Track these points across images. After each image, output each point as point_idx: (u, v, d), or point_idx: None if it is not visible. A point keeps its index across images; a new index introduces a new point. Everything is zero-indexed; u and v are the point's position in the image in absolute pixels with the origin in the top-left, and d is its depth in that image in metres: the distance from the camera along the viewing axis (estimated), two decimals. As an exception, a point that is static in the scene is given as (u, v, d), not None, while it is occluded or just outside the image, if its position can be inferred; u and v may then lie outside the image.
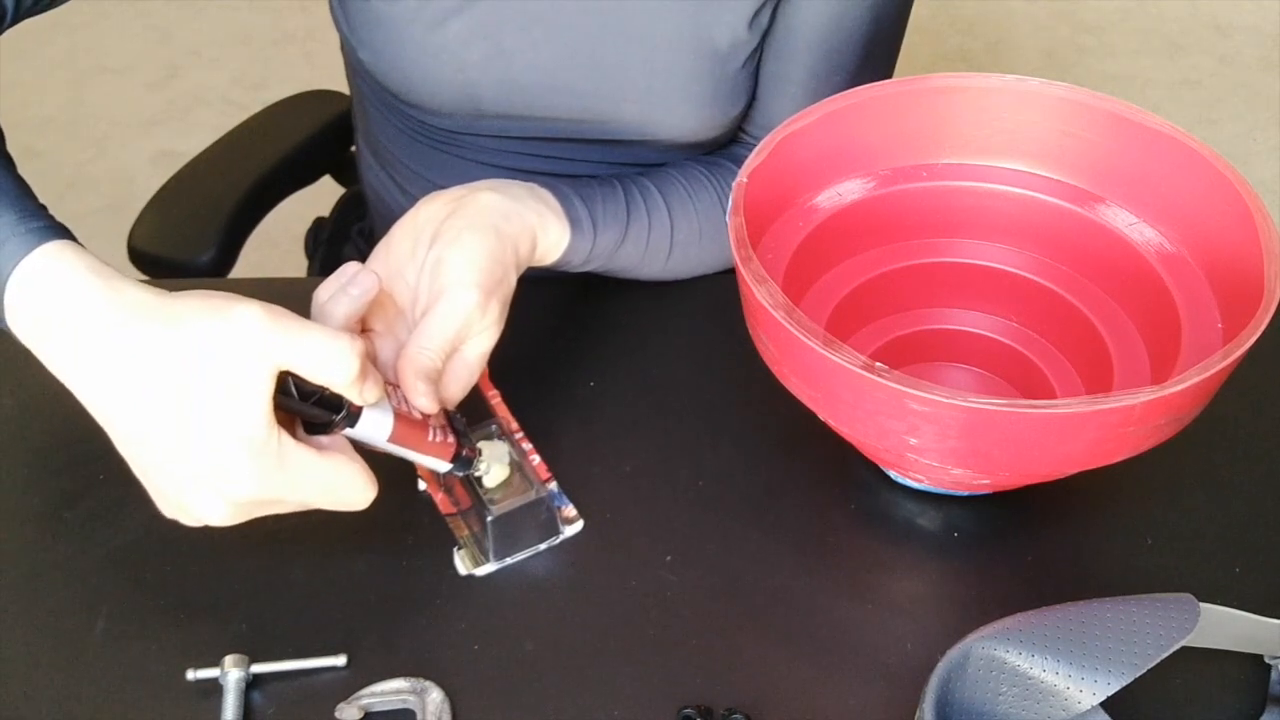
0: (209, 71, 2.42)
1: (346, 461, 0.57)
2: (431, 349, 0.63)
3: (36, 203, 0.56)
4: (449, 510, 0.70)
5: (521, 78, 0.81)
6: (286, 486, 0.54)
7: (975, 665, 0.56)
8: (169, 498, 0.55)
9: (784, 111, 0.82)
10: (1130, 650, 0.55)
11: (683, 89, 0.81)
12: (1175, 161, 0.69)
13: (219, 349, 0.52)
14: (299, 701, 0.62)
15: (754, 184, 0.66)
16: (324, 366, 0.54)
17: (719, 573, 0.68)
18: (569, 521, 0.70)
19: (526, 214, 0.71)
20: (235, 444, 0.52)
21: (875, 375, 0.56)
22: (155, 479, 0.55)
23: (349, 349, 0.54)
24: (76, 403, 0.54)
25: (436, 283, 0.65)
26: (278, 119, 1.15)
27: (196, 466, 0.53)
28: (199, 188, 1.05)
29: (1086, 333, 0.72)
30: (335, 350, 0.53)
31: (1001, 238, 0.76)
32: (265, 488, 0.54)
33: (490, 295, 0.65)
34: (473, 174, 0.88)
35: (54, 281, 0.53)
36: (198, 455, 0.52)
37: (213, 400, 0.52)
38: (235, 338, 0.52)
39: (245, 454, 0.52)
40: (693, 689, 0.63)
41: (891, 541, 0.70)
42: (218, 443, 0.52)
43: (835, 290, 0.74)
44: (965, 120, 0.74)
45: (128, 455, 0.55)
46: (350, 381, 0.55)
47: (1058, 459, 0.60)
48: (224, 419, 0.52)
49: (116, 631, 0.65)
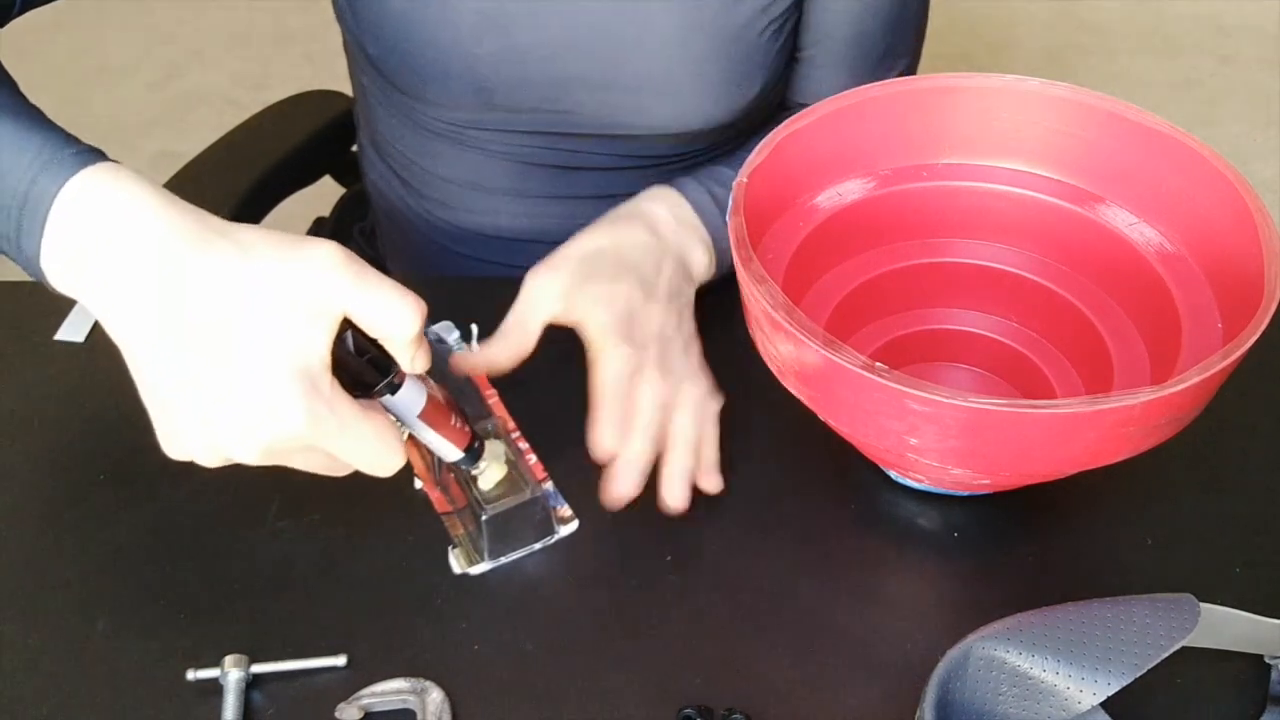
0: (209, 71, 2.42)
1: (387, 424, 0.55)
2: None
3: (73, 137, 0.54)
4: (445, 509, 0.70)
5: (533, 68, 0.81)
6: (330, 433, 0.52)
7: (975, 665, 0.56)
8: (193, 433, 0.52)
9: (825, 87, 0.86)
10: (1130, 650, 0.55)
11: (698, 73, 0.81)
12: (1175, 161, 0.69)
13: (291, 283, 0.50)
14: (299, 701, 0.62)
15: (754, 184, 0.66)
16: (390, 319, 0.52)
17: (719, 573, 0.68)
18: (564, 521, 0.70)
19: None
20: (292, 380, 0.50)
21: (875, 375, 0.56)
22: (184, 412, 0.51)
23: (416, 306, 0.53)
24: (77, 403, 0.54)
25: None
26: (278, 119, 1.15)
27: (244, 399, 0.50)
28: (199, 188, 1.05)
29: (1086, 333, 0.72)
30: (405, 304, 0.52)
31: (1001, 238, 0.76)
32: (311, 429, 0.51)
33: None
34: (481, 167, 0.88)
35: (108, 198, 0.51)
36: (249, 388, 0.50)
37: (276, 333, 0.50)
38: (310, 274, 0.50)
39: (300, 391, 0.50)
40: (693, 689, 0.63)
41: (891, 541, 0.70)
42: (274, 377, 0.50)
43: (835, 290, 0.74)
44: (965, 120, 0.74)
45: (156, 383, 0.51)
46: (410, 339, 0.54)
47: (1058, 459, 0.60)
48: (285, 353, 0.50)
49: (116, 631, 0.65)
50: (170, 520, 0.70)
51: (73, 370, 0.79)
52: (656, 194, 0.79)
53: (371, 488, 0.71)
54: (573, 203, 0.90)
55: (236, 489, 0.71)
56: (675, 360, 0.70)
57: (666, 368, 0.69)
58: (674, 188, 0.79)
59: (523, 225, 0.91)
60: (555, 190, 0.89)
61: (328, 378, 0.52)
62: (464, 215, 0.91)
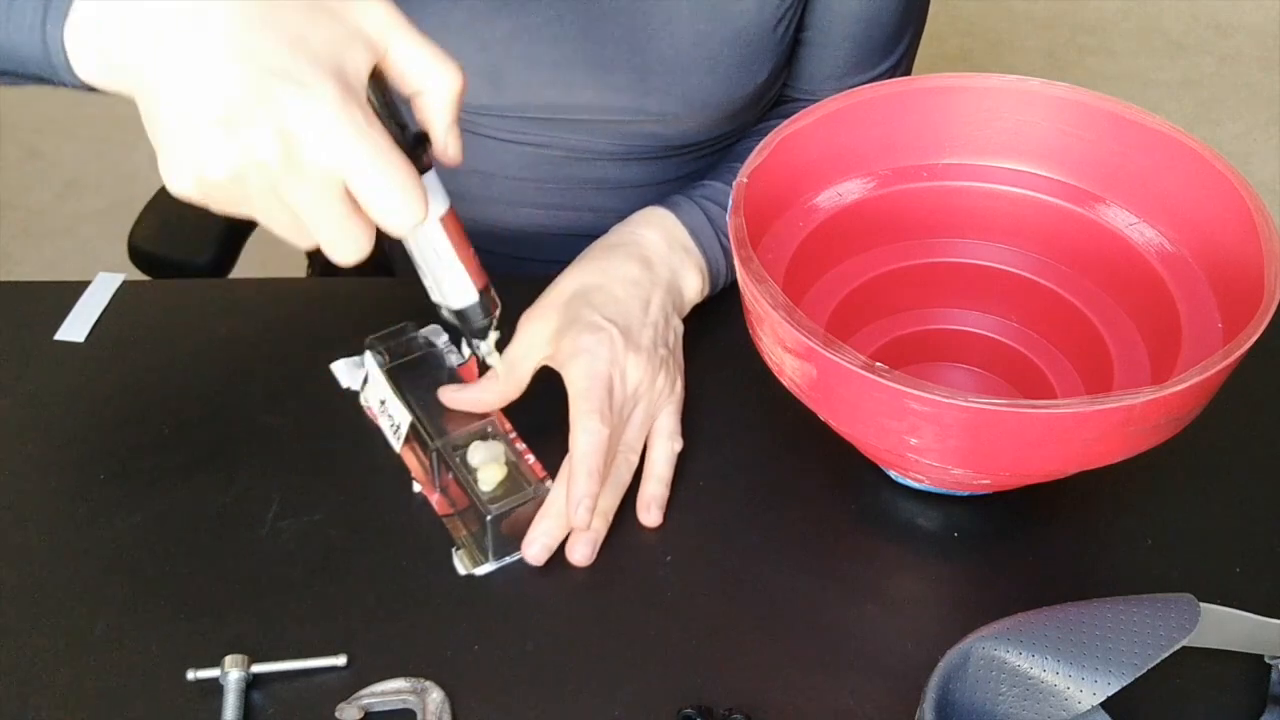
0: (209, 71, 2.41)
1: (414, 170, 0.51)
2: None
3: None
4: (445, 511, 0.70)
5: (544, 53, 0.81)
6: (355, 143, 0.48)
7: (975, 665, 0.56)
8: (209, 123, 0.48)
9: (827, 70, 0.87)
10: (1130, 650, 0.55)
11: (708, 56, 0.81)
12: (1175, 161, 0.69)
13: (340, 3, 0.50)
14: (299, 701, 0.62)
15: (754, 184, 0.66)
16: (435, 69, 0.51)
17: (719, 573, 0.68)
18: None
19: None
20: (332, 72, 0.48)
21: (875, 375, 0.56)
22: (210, 91, 0.47)
23: (458, 69, 0.52)
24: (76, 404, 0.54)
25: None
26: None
27: (284, 69, 0.47)
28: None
29: (1086, 333, 0.72)
30: (447, 62, 0.52)
31: (1001, 238, 0.76)
32: (340, 127, 0.48)
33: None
34: (490, 153, 0.88)
35: None
36: (292, 61, 0.47)
37: (330, 25, 0.49)
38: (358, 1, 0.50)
39: (337, 86, 0.48)
40: (693, 689, 0.63)
41: (891, 541, 0.70)
42: (319, 59, 0.48)
43: (835, 290, 0.74)
44: (965, 120, 0.74)
45: (173, 56, 0.48)
46: (452, 96, 0.52)
47: (1058, 459, 0.60)
48: (326, 54, 0.48)
49: (116, 631, 0.65)
50: (170, 520, 0.70)
51: (73, 370, 0.79)
52: (650, 218, 0.79)
53: (372, 488, 0.72)
54: (582, 191, 0.90)
55: (237, 489, 0.71)
56: (639, 416, 0.72)
57: (634, 424, 0.72)
58: (668, 209, 0.79)
59: (531, 213, 0.91)
60: (564, 178, 0.89)
61: (364, 97, 0.49)
62: (472, 204, 0.91)
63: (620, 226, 0.79)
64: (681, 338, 0.77)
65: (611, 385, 0.70)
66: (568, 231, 0.91)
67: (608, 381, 0.70)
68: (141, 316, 0.83)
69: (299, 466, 0.73)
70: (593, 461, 0.67)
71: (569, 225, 0.91)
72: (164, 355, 0.80)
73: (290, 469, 0.73)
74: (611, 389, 0.70)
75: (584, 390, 0.69)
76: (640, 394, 0.72)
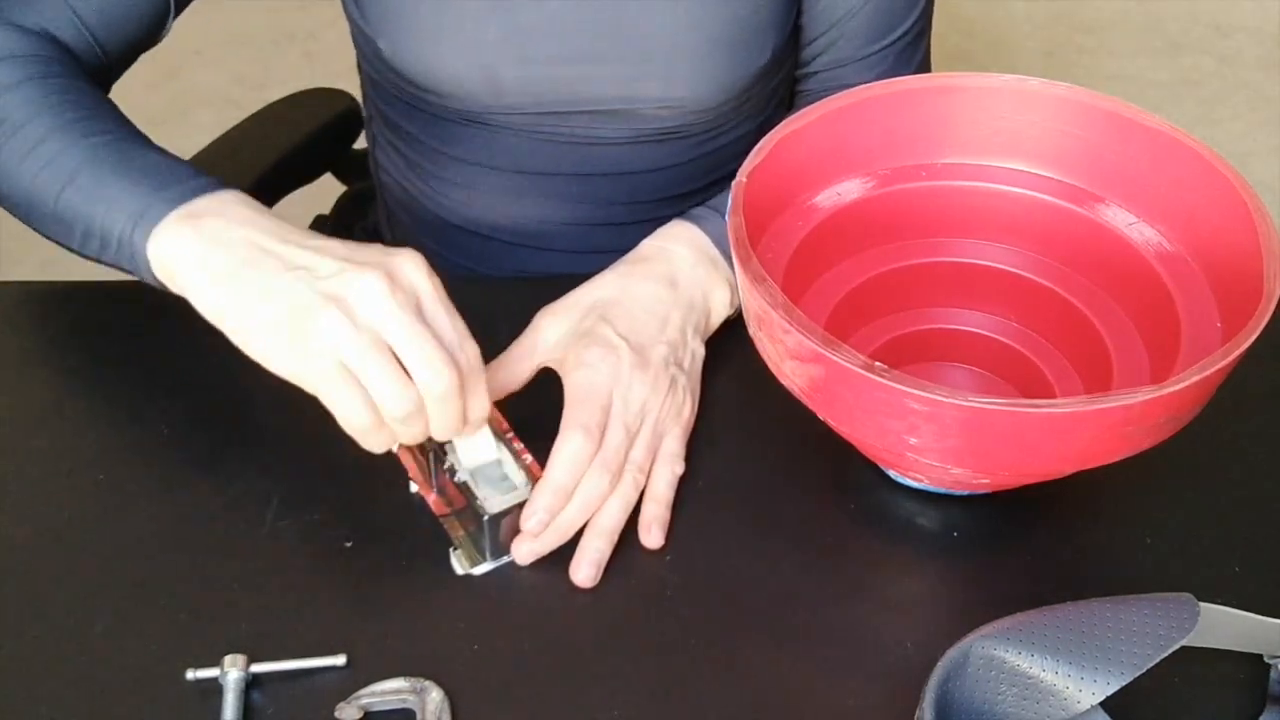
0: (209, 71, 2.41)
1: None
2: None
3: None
4: (442, 511, 0.70)
5: (539, 51, 0.81)
6: (404, 324, 0.60)
7: (975, 665, 0.56)
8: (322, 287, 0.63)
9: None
10: (1130, 650, 0.55)
11: (708, 39, 0.81)
12: (1175, 161, 0.69)
13: (386, 254, 0.64)
14: (299, 701, 0.62)
15: (753, 184, 0.66)
16: (423, 361, 0.61)
17: (719, 573, 0.68)
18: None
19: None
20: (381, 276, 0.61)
21: (875, 375, 0.56)
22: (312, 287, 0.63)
23: (449, 367, 0.61)
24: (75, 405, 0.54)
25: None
26: (278, 118, 1.15)
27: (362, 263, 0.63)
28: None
29: (1086, 333, 0.72)
30: (440, 358, 0.61)
31: (1001, 238, 0.76)
32: (394, 308, 0.60)
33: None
34: (493, 145, 0.88)
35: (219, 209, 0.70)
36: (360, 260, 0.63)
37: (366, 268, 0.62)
38: (402, 259, 0.63)
39: (386, 283, 0.61)
40: (693, 689, 0.63)
41: (891, 541, 0.70)
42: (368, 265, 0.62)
43: (835, 290, 0.74)
44: (965, 120, 0.74)
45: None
46: (436, 396, 0.62)
47: (1058, 459, 0.60)
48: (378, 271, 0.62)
49: (116, 631, 0.65)
50: (170, 520, 0.70)
51: (73, 370, 0.79)
52: (679, 232, 0.79)
53: (371, 488, 0.72)
54: (587, 180, 0.90)
55: (236, 489, 0.71)
56: (646, 433, 0.71)
57: (631, 450, 0.71)
58: (694, 223, 0.79)
59: (536, 203, 0.91)
60: (569, 167, 0.89)
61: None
62: (477, 196, 0.91)
63: (649, 241, 0.79)
64: (701, 362, 0.76)
65: (609, 403, 0.70)
66: (577, 221, 0.91)
67: (605, 398, 0.69)
68: (141, 316, 0.82)
69: (298, 466, 0.73)
70: (563, 475, 0.67)
71: (579, 216, 0.91)
72: (164, 355, 0.80)
73: (290, 469, 0.73)
74: (608, 406, 0.70)
75: (579, 402, 0.69)
76: (648, 410, 0.71)
